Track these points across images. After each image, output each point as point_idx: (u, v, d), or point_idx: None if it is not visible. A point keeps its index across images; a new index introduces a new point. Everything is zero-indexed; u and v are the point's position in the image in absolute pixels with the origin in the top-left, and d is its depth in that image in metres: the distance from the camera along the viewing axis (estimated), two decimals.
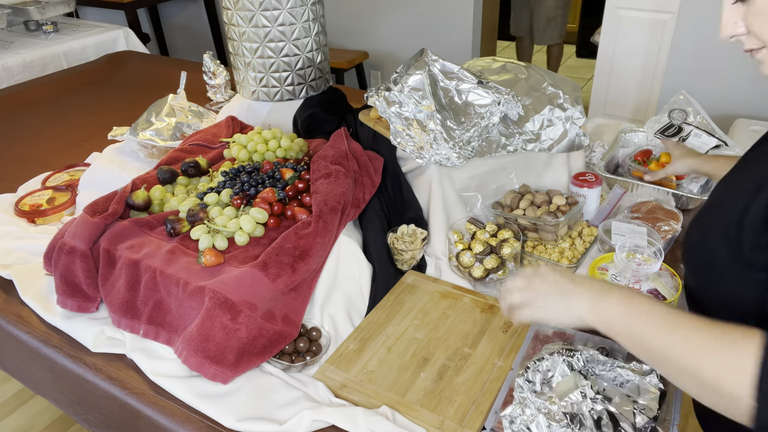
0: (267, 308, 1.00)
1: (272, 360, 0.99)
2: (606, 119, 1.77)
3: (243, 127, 1.56)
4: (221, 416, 0.90)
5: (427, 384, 0.94)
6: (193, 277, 1.03)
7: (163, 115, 1.64)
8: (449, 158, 1.19)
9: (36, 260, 1.26)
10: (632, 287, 0.71)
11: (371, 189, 1.26)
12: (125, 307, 1.07)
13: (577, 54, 5.05)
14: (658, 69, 2.89)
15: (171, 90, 1.82)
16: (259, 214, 1.13)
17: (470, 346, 1.01)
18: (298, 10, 1.50)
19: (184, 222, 1.15)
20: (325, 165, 1.22)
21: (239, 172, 1.28)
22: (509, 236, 1.18)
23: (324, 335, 1.05)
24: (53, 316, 1.12)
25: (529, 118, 1.27)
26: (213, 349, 0.94)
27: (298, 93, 1.61)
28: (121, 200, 1.20)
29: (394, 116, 1.22)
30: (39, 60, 2.84)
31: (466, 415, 0.88)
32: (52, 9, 3.06)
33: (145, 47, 3.26)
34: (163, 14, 4.59)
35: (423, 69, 1.24)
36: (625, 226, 1.18)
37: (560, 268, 0.81)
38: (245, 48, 1.54)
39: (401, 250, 1.19)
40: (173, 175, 1.32)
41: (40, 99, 2.32)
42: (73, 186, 1.55)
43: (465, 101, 1.24)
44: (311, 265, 1.07)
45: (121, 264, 1.10)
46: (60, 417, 1.95)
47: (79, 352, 1.06)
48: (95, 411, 1.09)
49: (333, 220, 1.12)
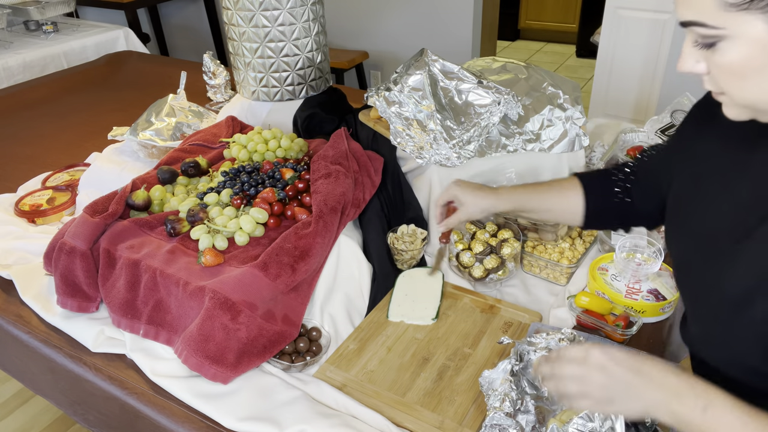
0: (267, 308, 1.00)
1: (272, 360, 0.99)
2: (606, 119, 1.77)
3: (243, 127, 1.56)
4: (221, 416, 0.90)
5: (427, 384, 0.94)
6: (193, 277, 1.03)
7: (163, 115, 1.64)
8: (449, 158, 1.19)
9: (36, 260, 1.26)
10: (701, 384, 0.67)
11: (371, 189, 1.26)
12: (125, 307, 1.07)
13: (577, 54, 5.05)
14: (658, 69, 2.89)
15: (171, 90, 1.81)
16: (259, 214, 1.13)
17: (470, 346, 1.01)
18: (298, 10, 1.50)
19: (184, 222, 1.15)
20: (325, 165, 1.22)
21: (239, 172, 1.28)
22: (509, 236, 1.18)
23: (324, 335, 1.05)
24: (53, 316, 1.12)
25: (529, 118, 1.27)
26: (213, 349, 0.94)
27: (298, 93, 1.61)
28: (121, 200, 1.20)
29: (394, 116, 1.22)
30: (39, 60, 2.83)
31: (466, 414, 0.88)
32: (52, 9, 3.06)
33: (145, 47, 3.26)
34: (163, 14, 4.59)
35: (423, 69, 1.24)
36: None
37: (615, 349, 0.70)
38: (245, 48, 1.54)
39: (401, 250, 1.19)
40: (173, 175, 1.32)
41: (40, 99, 2.32)
42: (73, 186, 1.55)
43: (465, 101, 1.24)
44: (311, 265, 1.07)
45: (121, 264, 1.10)
46: (60, 417, 1.94)
47: (79, 352, 1.06)
48: (95, 411, 1.09)
49: (333, 220, 1.12)
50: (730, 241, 0.71)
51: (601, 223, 1.03)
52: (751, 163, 0.71)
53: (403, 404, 0.90)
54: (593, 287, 1.09)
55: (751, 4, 0.55)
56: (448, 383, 0.94)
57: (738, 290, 0.68)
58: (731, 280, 0.69)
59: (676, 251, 0.82)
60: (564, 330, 0.89)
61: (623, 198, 0.98)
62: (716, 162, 0.77)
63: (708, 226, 0.75)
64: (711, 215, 0.75)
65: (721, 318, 0.71)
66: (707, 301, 0.74)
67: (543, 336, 0.89)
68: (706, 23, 0.59)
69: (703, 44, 0.61)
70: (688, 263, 0.79)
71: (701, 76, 0.65)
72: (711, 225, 0.75)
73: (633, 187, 0.97)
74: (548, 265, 1.18)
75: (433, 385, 0.94)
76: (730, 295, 0.69)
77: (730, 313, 0.69)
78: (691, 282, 0.78)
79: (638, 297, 1.04)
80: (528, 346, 0.87)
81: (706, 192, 0.77)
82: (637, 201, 0.97)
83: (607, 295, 1.06)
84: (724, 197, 0.73)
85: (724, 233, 0.72)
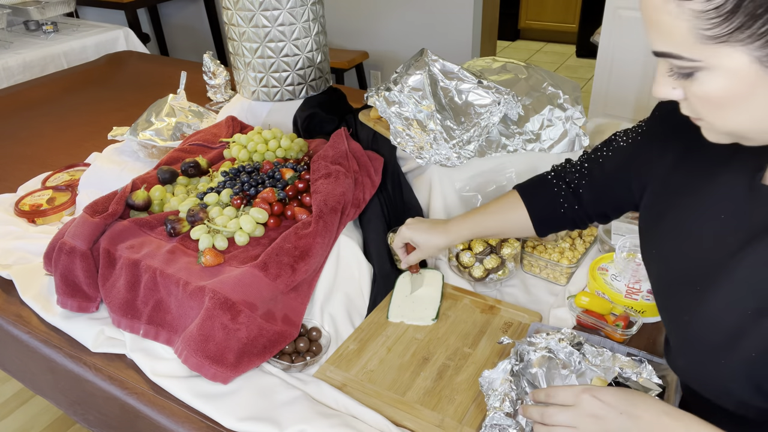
0: (267, 308, 1.00)
1: (272, 360, 0.99)
2: (606, 119, 1.77)
3: (243, 127, 1.56)
4: (221, 416, 0.90)
5: (427, 383, 0.94)
6: (193, 277, 1.03)
7: (163, 115, 1.64)
8: (449, 158, 1.19)
9: (36, 260, 1.26)
10: (695, 424, 0.66)
11: (371, 189, 1.26)
12: (125, 307, 1.07)
13: (577, 54, 5.05)
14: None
15: (171, 90, 1.81)
16: (259, 214, 1.13)
17: (470, 345, 1.01)
18: (298, 10, 1.50)
19: (184, 222, 1.15)
20: (325, 165, 1.22)
21: (239, 172, 1.28)
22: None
23: (324, 335, 1.05)
24: (53, 316, 1.12)
25: (529, 118, 1.27)
26: (213, 350, 0.94)
27: (298, 93, 1.61)
28: (121, 200, 1.20)
29: (394, 116, 1.22)
30: (39, 60, 2.83)
31: (466, 413, 0.88)
32: (52, 9, 3.06)
33: (145, 47, 3.26)
34: (163, 14, 4.59)
35: (423, 69, 1.24)
36: (625, 226, 1.18)
37: (606, 392, 0.69)
38: (245, 48, 1.54)
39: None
40: (173, 175, 1.32)
41: (40, 99, 2.32)
42: (73, 186, 1.55)
43: (465, 101, 1.24)
44: (311, 265, 1.07)
45: (121, 264, 1.10)
46: (60, 417, 1.95)
47: (79, 352, 1.06)
48: (95, 411, 1.09)
49: (333, 220, 1.12)
50: (714, 266, 0.67)
51: (555, 229, 1.02)
52: (726, 179, 0.68)
53: (403, 403, 0.90)
54: (593, 287, 1.09)
55: (730, 36, 0.51)
56: (448, 382, 0.94)
57: (727, 320, 0.64)
58: (718, 308, 0.66)
59: (656, 273, 0.78)
60: (564, 330, 0.89)
61: (571, 206, 0.96)
62: (691, 175, 0.73)
63: (689, 246, 0.71)
64: (691, 235, 0.71)
65: (708, 350, 0.67)
66: (694, 331, 0.69)
67: (543, 336, 0.89)
68: (682, 56, 0.54)
69: (679, 74, 0.56)
70: (669, 286, 0.75)
71: (679, 101, 0.60)
72: (692, 246, 0.71)
73: (584, 190, 0.94)
74: (548, 265, 1.18)
75: (433, 384, 0.94)
76: (718, 325, 0.66)
77: (719, 344, 0.66)
78: (672, 307, 0.74)
79: (638, 297, 1.04)
80: (528, 346, 0.88)
81: (683, 208, 0.73)
82: (587, 205, 0.95)
83: (607, 295, 1.06)
84: (705, 216, 0.70)
85: (707, 256, 0.68)
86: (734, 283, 0.65)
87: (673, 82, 0.58)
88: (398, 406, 0.90)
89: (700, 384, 0.72)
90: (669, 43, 0.55)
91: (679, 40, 0.53)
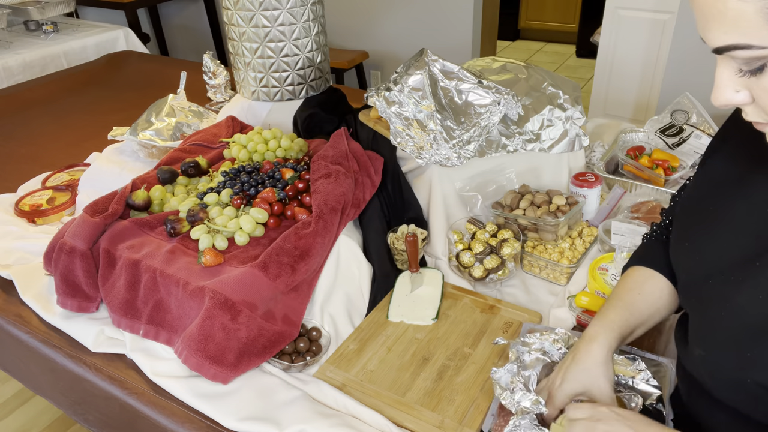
0: (267, 308, 1.00)
1: (272, 360, 0.99)
2: (606, 119, 1.77)
3: (243, 127, 1.56)
4: (221, 416, 0.90)
5: (427, 383, 0.94)
6: (193, 277, 1.03)
7: (163, 115, 1.64)
8: (449, 158, 1.19)
9: (36, 260, 1.26)
10: None
11: (371, 189, 1.26)
12: (125, 307, 1.07)
13: (577, 54, 5.05)
14: (658, 69, 2.89)
15: (171, 90, 1.82)
16: (259, 214, 1.13)
17: (470, 345, 1.01)
18: (298, 10, 1.50)
19: (184, 222, 1.15)
20: (325, 165, 1.22)
21: (239, 172, 1.28)
22: (509, 236, 1.18)
23: (324, 335, 1.05)
24: (53, 316, 1.12)
25: (529, 118, 1.27)
26: (213, 349, 0.94)
27: (298, 93, 1.61)
28: (121, 200, 1.20)
29: (394, 116, 1.22)
30: (39, 60, 2.83)
31: (466, 414, 0.88)
32: (52, 9, 3.06)
33: (145, 47, 3.26)
34: (163, 14, 4.59)
35: (423, 69, 1.24)
36: (625, 226, 1.18)
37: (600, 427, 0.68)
38: (245, 48, 1.54)
39: (401, 250, 1.19)
40: (173, 175, 1.32)
41: (40, 99, 2.32)
42: (73, 186, 1.55)
43: (465, 101, 1.24)
44: (311, 265, 1.07)
45: (121, 264, 1.10)
46: (60, 417, 1.94)
47: (79, 352, 1.06)
48: (95, 411, 1.09)
49: (333, 220, 1.12)
50: (749, 261, 0.65)
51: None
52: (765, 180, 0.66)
53: (403, 404, 0.90)
54: (593, 287, 1.09)
55: None
56: (448, 383, 0.94)
57: (759, 311, 0.62)
58: (749, 301, 0.63)
59: (686, 266, 0.75)
60: (558, 330, 0.89)
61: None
62: (729, 175, 0.71)
63: (723, 241, 0.69)
64: (727, 229, 0.69)
65: (733, 341, 0.65)
66: (720, 324, 0.67)
67: (537, 336, 0.88)
68: (752, 44, 0.48)
69: (749, 72, 0.50)
70: (700, 279, 0.72)
71: (743, 106, 0.54)
72: (727, 241, 0.68)
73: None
74: (548, 265, 1.18)
75: (433, 384, 0.94)
76: (748, 318, 0.63)
77: (746, 336, 0.63)
78: (703, 299, 0.71)
79: None
80: (522, 347, 0.87)
81: (725, 201, 0.71)
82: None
83: (607, 295, 1.06)
84: (745, 211, 0.67)
85: (742, 251, 0.66)
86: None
87: (738, 83, 0.52)
88: (398, 406, 0.90)
89: (712, 374, 0.71)
90: (735, 32, 0.48)
91: (747, 26, 0.47)
